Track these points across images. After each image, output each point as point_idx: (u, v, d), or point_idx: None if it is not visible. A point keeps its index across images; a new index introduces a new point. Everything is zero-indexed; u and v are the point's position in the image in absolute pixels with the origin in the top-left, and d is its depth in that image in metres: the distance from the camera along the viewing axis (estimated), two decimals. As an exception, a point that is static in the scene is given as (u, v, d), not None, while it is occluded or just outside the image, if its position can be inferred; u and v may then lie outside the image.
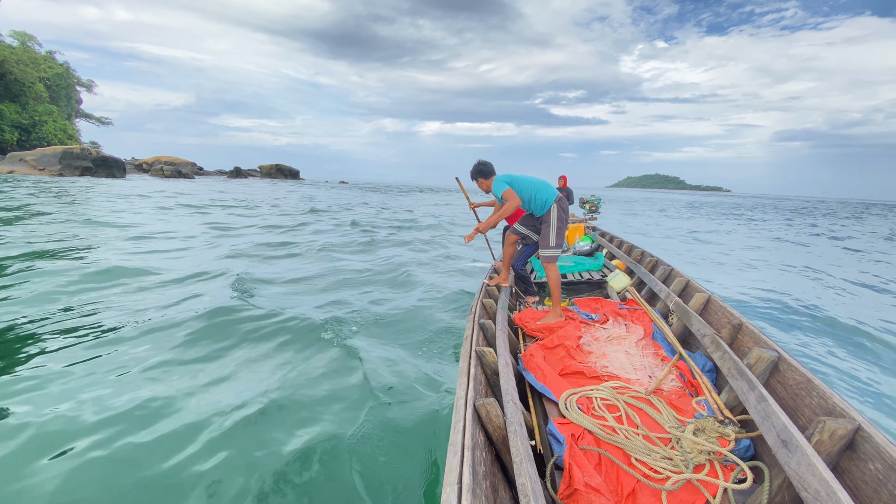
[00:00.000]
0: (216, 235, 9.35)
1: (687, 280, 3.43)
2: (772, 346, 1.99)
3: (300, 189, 38.18)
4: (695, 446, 1.62)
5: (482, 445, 1.47)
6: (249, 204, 18.72)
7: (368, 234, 10.75)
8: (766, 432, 1.46)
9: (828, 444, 1.32)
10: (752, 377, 1.76)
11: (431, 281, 6.20)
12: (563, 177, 8.11)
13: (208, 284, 5.23)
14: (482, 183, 3.71)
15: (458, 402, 1.61)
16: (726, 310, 2.61)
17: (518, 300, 4.39)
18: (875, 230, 20.80)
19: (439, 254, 8.68)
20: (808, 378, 1.66)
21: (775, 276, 7.86)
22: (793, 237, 16.26)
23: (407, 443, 2.47)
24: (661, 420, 1.92)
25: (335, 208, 19.21)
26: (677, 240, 14.03)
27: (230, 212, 14.93)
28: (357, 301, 5.01)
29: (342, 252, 8.10)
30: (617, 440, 1.74)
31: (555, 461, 1.68)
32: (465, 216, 18.66)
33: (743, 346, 2.24)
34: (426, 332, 4.18)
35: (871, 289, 7.23)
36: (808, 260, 10.41)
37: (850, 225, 24.80)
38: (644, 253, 4.80)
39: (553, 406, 2.16)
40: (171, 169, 48.65)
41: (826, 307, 5.73)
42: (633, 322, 3.29)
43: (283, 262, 7.02)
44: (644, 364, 2.60)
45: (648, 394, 2.13)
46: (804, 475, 1.20)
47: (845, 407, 1.43)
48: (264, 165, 67.02)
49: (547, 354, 2.73)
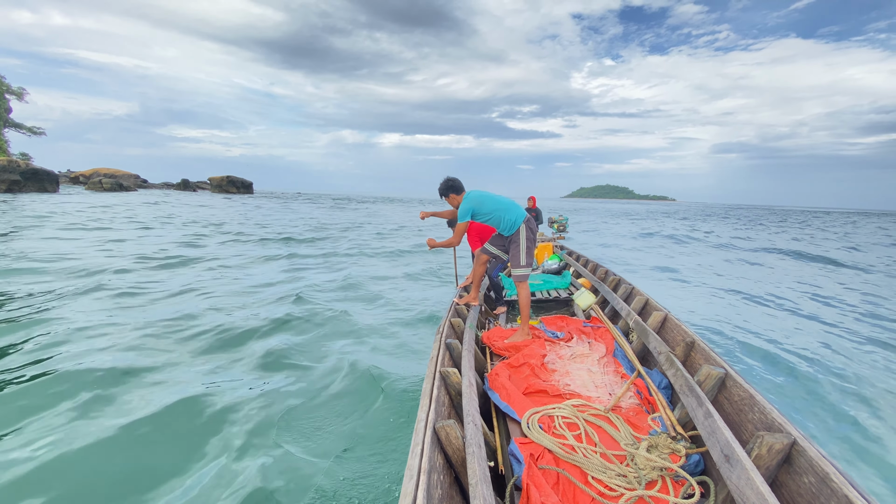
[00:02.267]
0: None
1: (646, 299, 3.57)
2: (720, 363, 2.10)
3: (231, 204, 35.92)
4: (648, 463, 1.67)
5: (440, 468, 1.46)
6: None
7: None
8: (712, 448, 1.53)
9: (766, 457, 1.39)
10: (700, 394, 1.84)
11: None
12: (531, 197, 8.35)
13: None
14: (453, 199, 3.74)
15: (417, 425, 1.60)
16: (681, 328, 2.73)
17: (487, 318, 4.43)
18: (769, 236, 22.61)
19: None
20: (750, 394, 1.75)
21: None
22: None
23: (367, 469, 2.41)
24: (619, 437, 1.97)
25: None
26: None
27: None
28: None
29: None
30: (575, 459, 1.77)
31: (515, 481, 1.69)
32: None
33: (695, 363, 2.35)
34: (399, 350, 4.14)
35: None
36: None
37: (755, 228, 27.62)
38: (608, 272, 4.97)
39: (517, 425, 2.18)
40: (111, 182, 46.38)
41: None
42: (596, 340, 3.38)
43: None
44: (605, 381, 2.67)
45: (607, 411, 2.18)
46: (743, 489, 1.26)
47: (783, 422, 1.52)
48: (214, 177, 64.63)
49: (512, 374, 2.76)
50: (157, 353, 3.74)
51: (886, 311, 6.78)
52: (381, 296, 6.40)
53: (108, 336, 4.07)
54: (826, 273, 10.81)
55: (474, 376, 2.44)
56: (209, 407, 2.93)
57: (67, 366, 3.36)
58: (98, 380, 3.18)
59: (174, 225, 15.41)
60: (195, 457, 2.45)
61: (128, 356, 3.61)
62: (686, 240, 18.59)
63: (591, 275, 5.29)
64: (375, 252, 11.14)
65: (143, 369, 3.41)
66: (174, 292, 5.91)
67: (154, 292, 5.83)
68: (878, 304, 7.23)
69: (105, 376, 3.24)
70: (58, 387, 3.06)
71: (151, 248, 9.79)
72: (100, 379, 3.19)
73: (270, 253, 10.13)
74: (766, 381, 3.89)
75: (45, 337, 3.97)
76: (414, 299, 6.41)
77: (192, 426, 2.72)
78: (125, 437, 2.56)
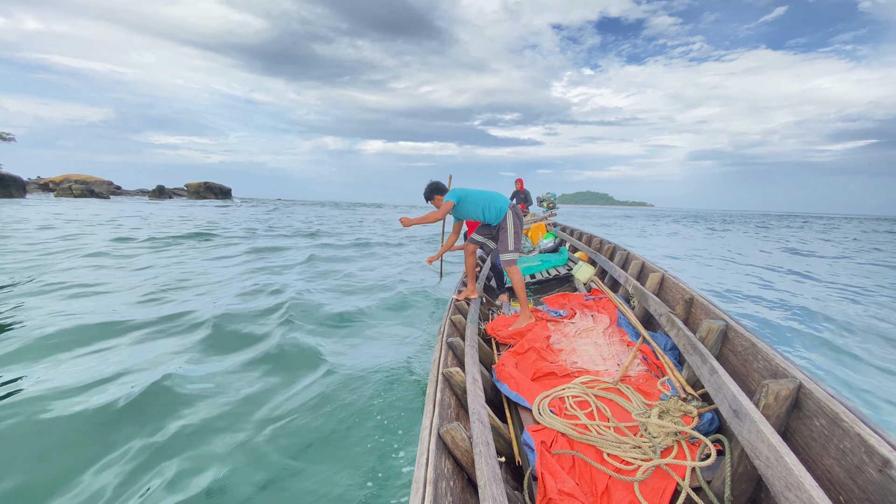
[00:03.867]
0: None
1: (642, 262, 3.53)
2: (720, 315, 2.06)
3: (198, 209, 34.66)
4: (661, 429, 1.65)
5: (449, 475, 1.44)
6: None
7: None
8: (720, 404, 1.50)
9: (774, 406, 1.36)
10: (704, 351, 1.81)
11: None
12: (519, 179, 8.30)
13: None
14: (438, 201, 3.75)
15: (422, 434, 1.57)
16: (679, 286, 2.69)
17: (490, 309, 4.41)
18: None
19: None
20: (753, 343, 1.72)
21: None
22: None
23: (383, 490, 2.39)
24: (630, 408, 1.95)
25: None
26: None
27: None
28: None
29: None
30: (589, 438, 1.75)
31: (531, 472, 1.67)
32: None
33: (696, 320, 2.32)
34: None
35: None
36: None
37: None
38: (602, 241, 4.93)
39: (529, 413, 2.15)
40: (82, 188, 45.53)
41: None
42: (598, 312, 3.35)
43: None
44: (612, 353, 2.64)
45: (616, 383, 2.16)
46: (755, 443, 1.23)
47: (787, 367, 1.49)
48: (191, 184, 63.64)
49: (519, 361, 2.73)
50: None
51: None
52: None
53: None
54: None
55: (479, 372, 2.42)
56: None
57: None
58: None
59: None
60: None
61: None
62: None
63: (587, 247, 5.25)
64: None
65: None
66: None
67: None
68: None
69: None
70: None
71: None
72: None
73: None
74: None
75: None
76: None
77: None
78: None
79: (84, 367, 3.40)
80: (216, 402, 3.00)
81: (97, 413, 2.74)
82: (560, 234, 6.72)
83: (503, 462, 1.78)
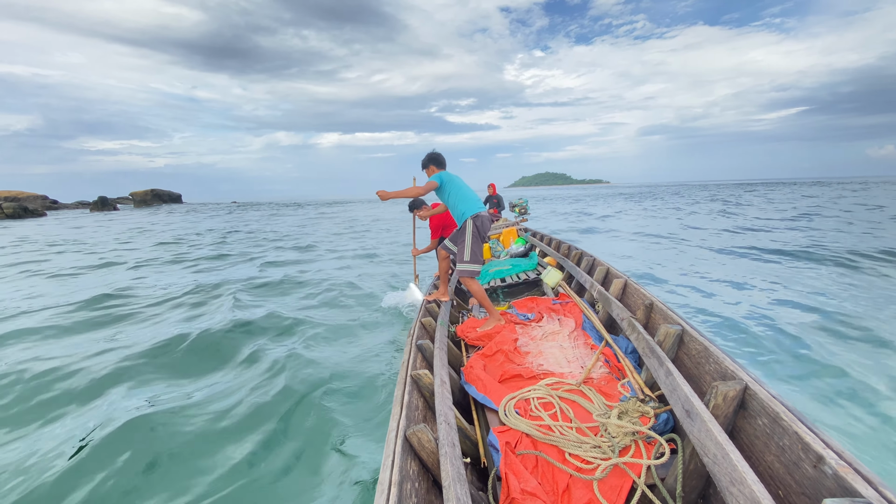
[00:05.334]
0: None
1: (607, 268, 3.66)
2: (676, 320, 2.17)
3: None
4: (619, 429, 1.71)
5: (414, 476, 1.44)
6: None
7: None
8: (674, 404, 1.58)
9: (723, 406, 1.45)
10: (661, 354, 1.90)
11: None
12: (492, 184, 8.41)
13: None
14: (432, 170, 3.70)
15: (389, 435, 1.56)
16: (640, 292, 2.81)
17: (461, 312, 4.44)
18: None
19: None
20: (706, 346, 1.82)
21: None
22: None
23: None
24: (592, 409, 2.01)
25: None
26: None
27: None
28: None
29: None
30: (552, 438, 1.79)
31: (495, 472, 1.69)
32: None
33: (655, 324, 2.42)
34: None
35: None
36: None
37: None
38: (571, 247, 5.07)
39: (495, 415, 2.18)
40: (13, 206, 40.26)
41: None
42: (565, 315, 3.44)
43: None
44: (576, 355, 2.72)
45: (579, 385, 2.22)
46: (704, 441, 1.31)
47: (735, 369, 1.58)
48: (137, 192, 60.97)
49: (487, 363, 2.76)
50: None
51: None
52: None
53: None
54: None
55: (447, 374, 2.43)
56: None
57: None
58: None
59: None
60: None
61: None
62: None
63: (556, 252, 5.39)
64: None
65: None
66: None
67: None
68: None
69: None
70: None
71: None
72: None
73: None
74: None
75: None
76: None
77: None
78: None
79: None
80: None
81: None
82: (530, 239, 6.86)
83: (468, 463, 1.80)
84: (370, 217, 29.66)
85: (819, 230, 12.38)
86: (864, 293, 5.71)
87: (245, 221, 28.55)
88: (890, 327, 4.29)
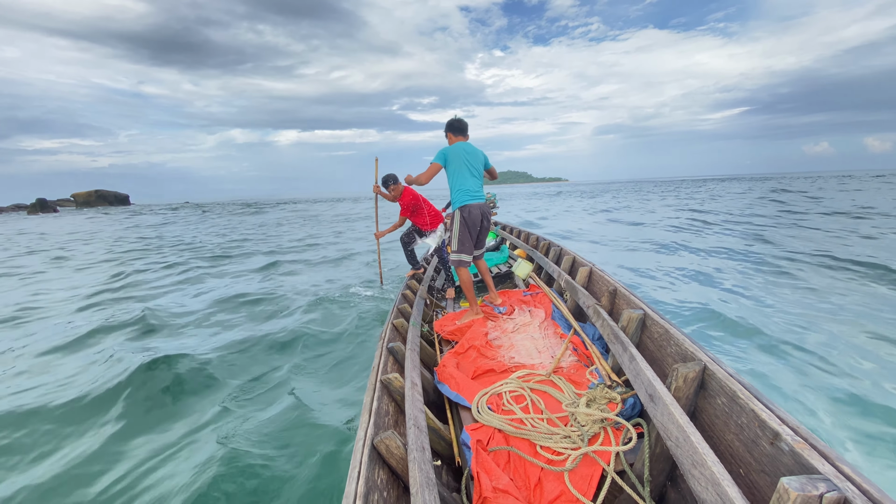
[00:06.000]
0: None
1: (573, 257, 3.71)
2: (639, 304, 2.21)
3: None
4: (588, 418, 1.72)
5: (383, 485, 1.39)
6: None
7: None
8: (639, 389, 1.60)
9: (684, 388, 1.47)
10: (624, 339, 1.92)
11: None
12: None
13: None
14: (449, 139, 3.51)
15: (356, 445, 1.51)
16: (604, 278, 2.86)
17: (435, 310, 4.40)
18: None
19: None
20: (666, 329, 1.85)
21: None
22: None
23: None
24: (562, 398, 2.02)
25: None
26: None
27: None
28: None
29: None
30: (523, 432, 1.79)
31: (468, 472, 1.67)
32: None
33: (619, 310, 2.47)
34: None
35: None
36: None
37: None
38: (539, 238, 5.13)
39: (469, 412, 2.16)
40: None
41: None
42: (535, 307, 3.47)
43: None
44: (546, 345, 2.74)
45: (549, 375, 2.24)
46: (666, 424, 1.32)
47: (695, 350, 1.62)
48: (80, 193, 58.64)
49: (460, 361, 2.74)
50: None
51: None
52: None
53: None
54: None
55: (420, 375, 2.39)
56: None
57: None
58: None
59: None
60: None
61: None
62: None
63: (525, 244, 5.43)
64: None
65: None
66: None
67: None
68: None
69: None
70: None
71: None
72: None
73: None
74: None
75: None
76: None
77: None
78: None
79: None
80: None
81: None
82: (501, 232, 6.90)
83: (442, 465, 1.77)
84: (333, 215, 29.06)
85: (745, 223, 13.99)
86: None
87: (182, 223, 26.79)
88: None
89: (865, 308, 4.54)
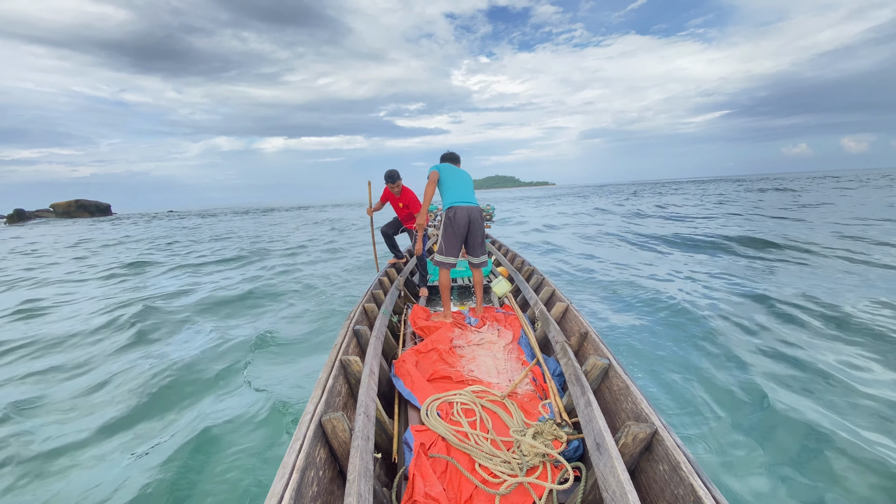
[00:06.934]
0: None
1: (553, 289, 3.76)
2: (606, 354, 2.26)
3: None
4: (532, 449, 1.75)
5: (320, 463, 1.38)
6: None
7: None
8: (587, 435, 1.64)
9: (631, 446, 1.51)
10: (585, 383, 1.96)
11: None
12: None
13: None
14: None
15: (303, 418, 1.49)
16: (578, 319, 2.91)
17: (406, 304, 4.39)
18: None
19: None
20: (627, 384, 1.90)
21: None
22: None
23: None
24: (511, 423, 2.04)
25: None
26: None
27: None
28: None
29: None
30: (466, 446, 1.80)
31: (404, 471, 1.67)
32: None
33: (586, 353, 2.52)
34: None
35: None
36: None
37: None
38: (524, 262, 5.18)
39: (417, 413, 2.16)
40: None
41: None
42: (505, 327, 3.50)
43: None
44: (507, 368, 2.77)
45: (503, 398, 2.26)
46: (607, 476, 1.36)
47: (649, 412, 1.66)
48: (59, 203, 57.14)
49: (420, 360, 2.74)
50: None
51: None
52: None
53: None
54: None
55: (378, 364, 2.37)
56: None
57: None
58: None
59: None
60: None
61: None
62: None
63: (510, 264, 5.48)
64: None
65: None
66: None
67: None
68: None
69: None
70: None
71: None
72: None
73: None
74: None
75: None
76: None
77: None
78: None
79: None
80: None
81: None
82: (490, 247, 6.94)
83: (378, 458, 1.76)
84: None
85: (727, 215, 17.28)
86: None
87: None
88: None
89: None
